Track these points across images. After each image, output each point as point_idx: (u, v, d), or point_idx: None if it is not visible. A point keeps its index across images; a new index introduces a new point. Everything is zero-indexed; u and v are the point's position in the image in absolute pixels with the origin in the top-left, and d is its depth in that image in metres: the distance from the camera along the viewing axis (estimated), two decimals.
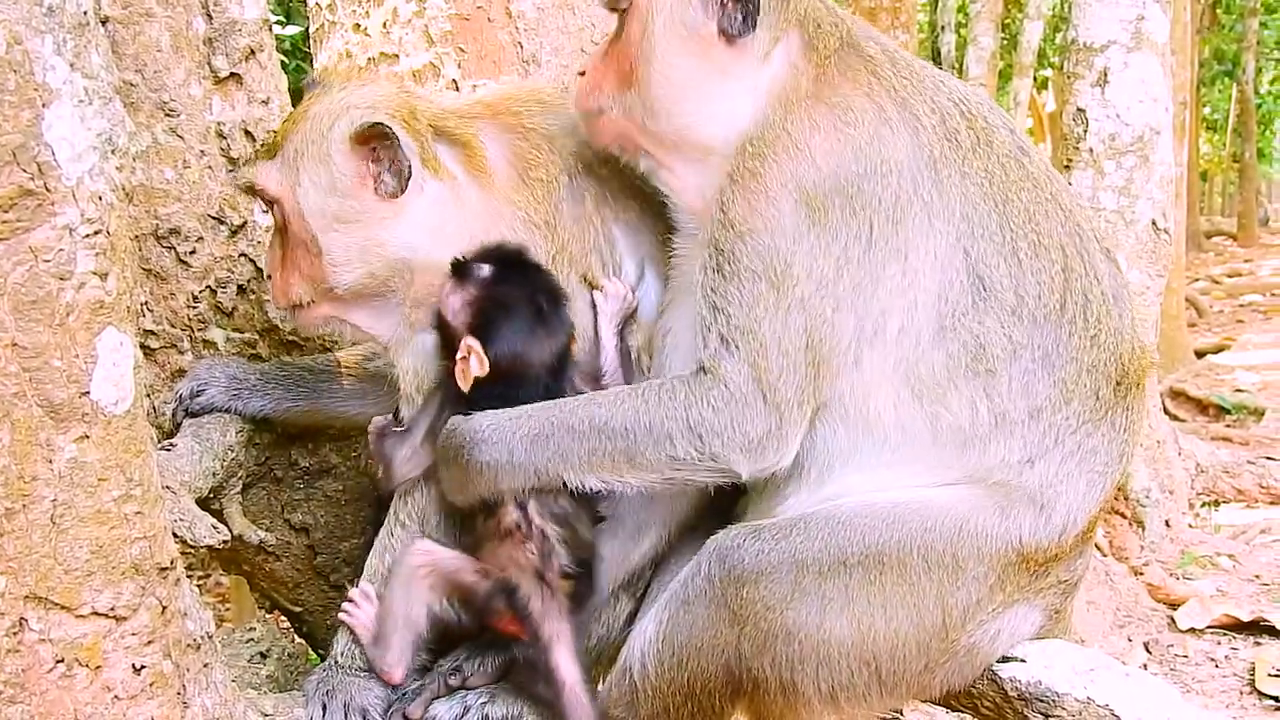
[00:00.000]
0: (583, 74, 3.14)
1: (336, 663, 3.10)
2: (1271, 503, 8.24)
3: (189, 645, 2.49)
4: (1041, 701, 2.89)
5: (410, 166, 3.03)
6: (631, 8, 3.01)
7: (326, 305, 3.19)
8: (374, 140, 3.01)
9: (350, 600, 3.13)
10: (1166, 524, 7.52)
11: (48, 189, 2.06)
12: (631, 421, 2.86)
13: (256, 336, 3.79)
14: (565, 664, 2.92)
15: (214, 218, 3.64)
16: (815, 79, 2.93)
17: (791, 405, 2.83)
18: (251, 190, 3.19)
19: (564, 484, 2.91)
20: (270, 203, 3.17)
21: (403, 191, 3.04)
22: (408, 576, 3.00)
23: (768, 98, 2.93)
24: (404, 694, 3.06)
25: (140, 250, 3.53)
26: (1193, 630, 6.42)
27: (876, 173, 2.83)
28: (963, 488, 2.92)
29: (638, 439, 2.86)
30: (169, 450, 3.20)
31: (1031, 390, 2.88)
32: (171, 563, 2.43)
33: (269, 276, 3.29)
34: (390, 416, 3.30)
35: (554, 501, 2.95)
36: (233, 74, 3.67)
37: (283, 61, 4.32)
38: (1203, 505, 8.28)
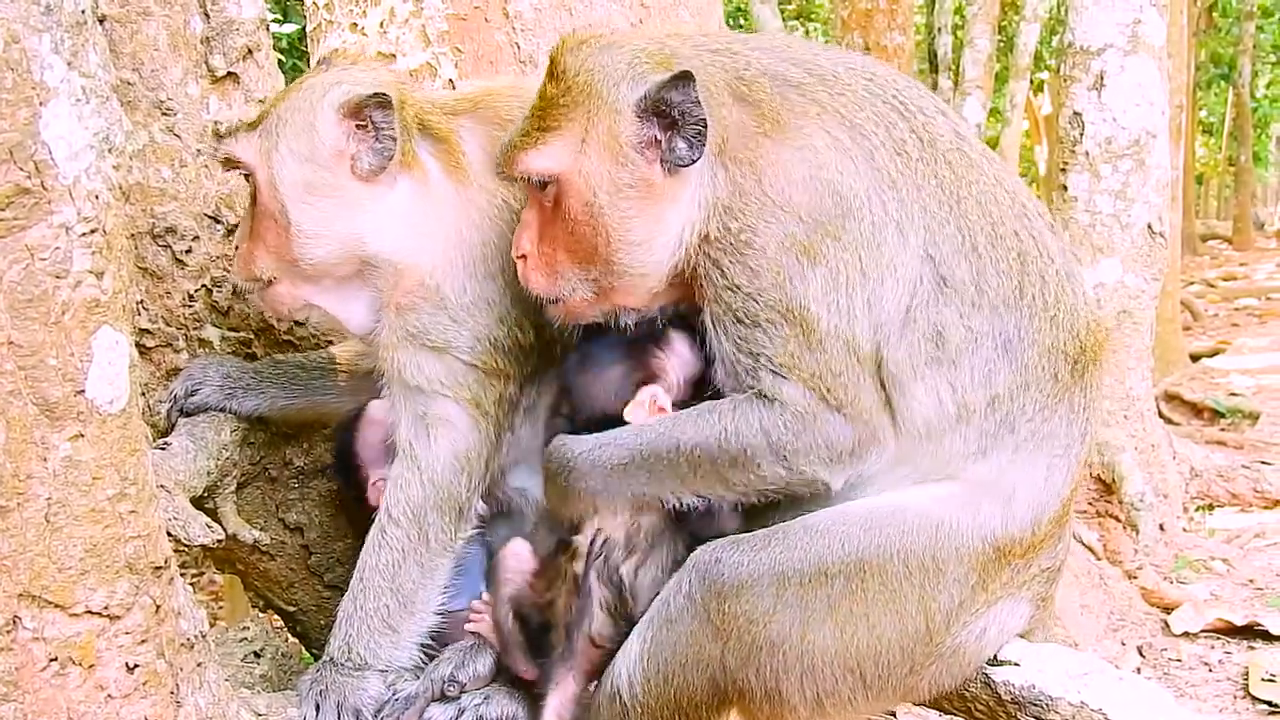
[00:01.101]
0: (523, 258, 3.01)
1: (331, 662, 3.10)
2: (1266, 507, 8.23)
3: (182, 644, 2.49)
4: (1035, 705, 2.89)
5: (391, 150, 3.03)
6: (560, 183, 2.91)
7: (288, 283, 3.17)
8: (361, 115, 3.01)
9: (474, 610, 3.22)
10: (1160, 528, 7.52)
11: (44, 187, 2.06)
12: (716, 447, 2.89)
13: (252, 335, 3.79)
14: (550, 716, 2.99)
15: (210, 217, 3.64)
16: (767, 120, 2.90)
17: (873, 410, 2.87)
18: (228, 160, 3.17)
19: (662, 504, 2.97)
20: (246, 174, 3.15)
21: (379, 174, 3.05)
22: (503, 600, 3.10)
23: (726, 165, 2.90)
24: (396, 696, 3.07)
25: (136, 249, 3.53)
26: (1186, 634, 6.42)
27: (850, 209, 2.84)
28: (930, 486, 2.93)
29: (725, 464, 2.90)
30: (164, 449, 3.20)
31: (992, 379, 2.90)
32: (165, 562, 2.44)
33: (236, 248, 3.27)
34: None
35: (616, 570, 3.00)
36: (230, 73, 3.67)
37: (280, 61, 4.31)
38: (1197, 509, 8.27)
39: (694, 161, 2.86)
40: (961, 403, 2.89)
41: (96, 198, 2.15)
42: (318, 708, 3.02)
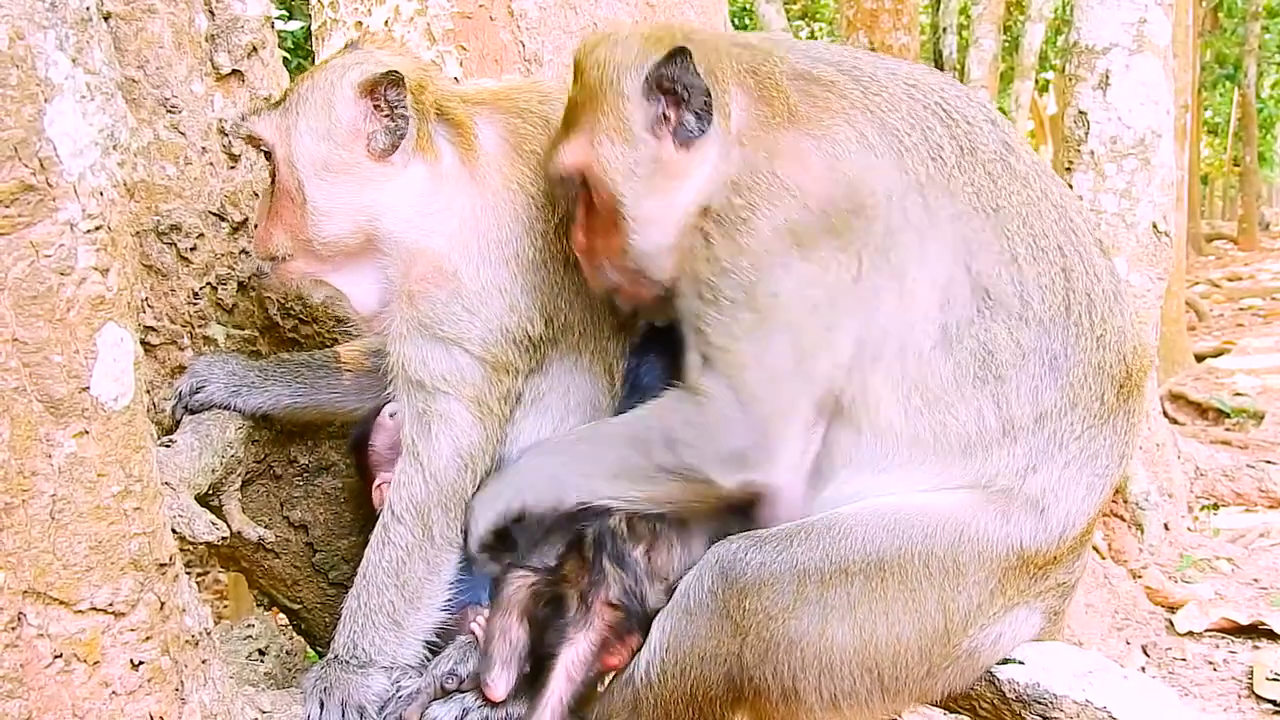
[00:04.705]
0: (581, 251, 3.09)
1: (336, 659, 3.10)
2: (1271, 506, 8.23)
3: (187, 641, 2.49)
4: (1040, 704, 2.89)
5: (403, 129, 3.06)
6: (588, 175, 2.98)
7: (303, 260, 3.20)
8: (378, 93, 3.05)
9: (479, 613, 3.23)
10: (1165, 527, 7.52)
11: (49, 184, 2.06)
12: (625, 432, 3.00)
13: (257, 333, 3.78)
14: (559, 677, 2.97)
15: (215, 214, 3.64)
16: (786, 115, 2.90)
17: (777, 418, 2.87)
18: (251, 139, 3.22)
19: (588, 502, 3.01)
20: (266, 152, 3.19)
21: (393, 152, 3.08)
22: (507, 603, 3.08)
23: (741, 144, 2.91)
24: (400, 693, 3.06)
25: (141, 246, 3.53)
26: (1191, 633, 6.42)
27: (864, 208, 2.82)
28: (964, 492, 2.91)
29: (627, 450, 2.97)
30: (168, 447, 3.20)
31: (1040, 396, 2.87)
32: (170, 559, 2.44)
33: (255, 225, 3.32)
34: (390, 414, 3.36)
35: (628, 553, 3.01)
36: (235, 71, 3.67)
37: (285, 58, 4.31)
38: (1202, 509, 8.28)
39: (703, 132, 2.90)
40: (1008, 419, 2.87)
41: (101, 194, 2.15)
42: (322, 705, 3.02)
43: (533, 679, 3.05)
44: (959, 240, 2.86)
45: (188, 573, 2.58)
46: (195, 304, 3.65)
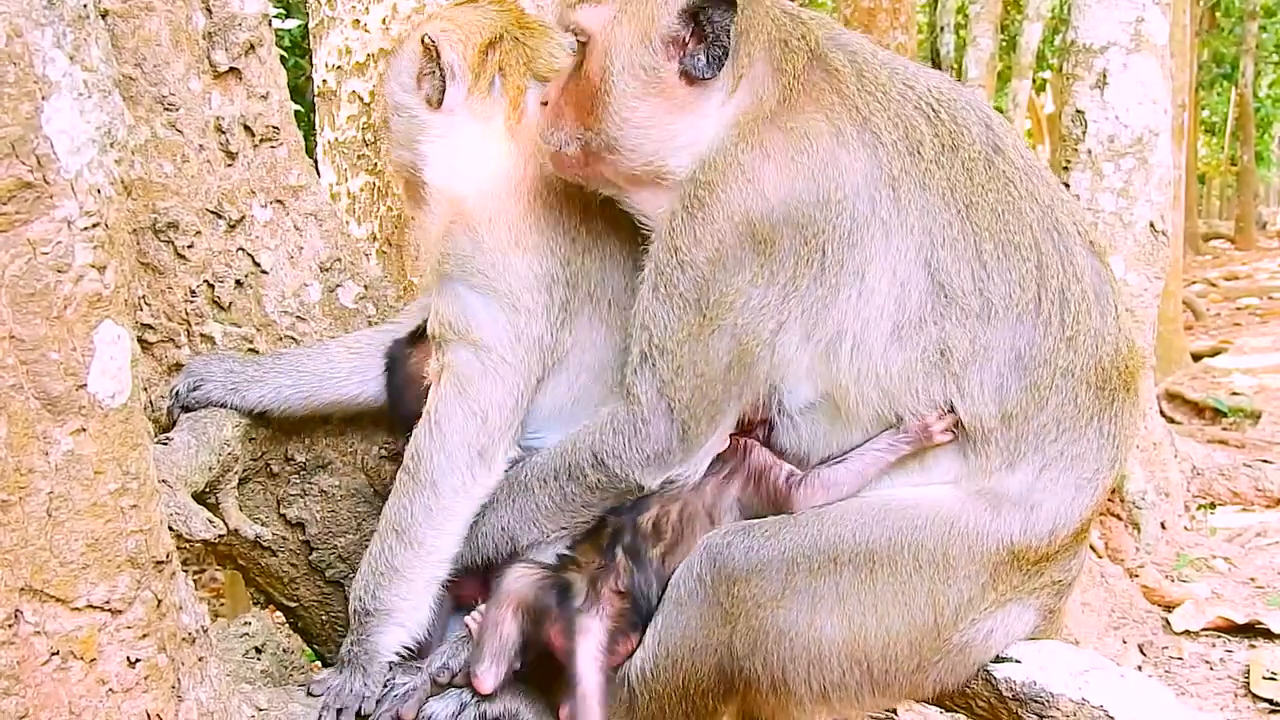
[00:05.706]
0: (545, 104, 3.12)
1: (352, 614, 3.19)
2: (1267, 506, 8.24)
3: (184, 639, 2.49)
4: (1036, 702, 2.89)
5: (443, 86, 3.29)
6: (590, 42, 2.99)
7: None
8: (429, 50, 3.27)
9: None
10: (1162, 526, 7.52)
11: (46, 181, 2.06)
12: (557, 464, 3.07)
13: (254, 331, 3.78)
14: (587, 667, 2.96)
15: (212, 212, 3.63)
16: (779, 101, 2.92)
17: (701, 421, 2.93)
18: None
19: (541, 540, 3.15)
20: None
21: (433, 104, 3.30)
22: (503, 596, 3.10)
23: (726, 128, 2.93)
24: (395, 690, 3.06)
25: (138, 244, 3.52)
26: (1187, 632, 6.42)
27: (830, 200, 2.83)
28: (949, 487, 2.92)
29: (563, 482, 3.07)
30: (165, 444, 3.20)
31: (1003, 393, 2.87)
32: (167, 556, 2.44)
33: None
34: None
35: (645, 550, 3.05)
36: (232, 68, 3.66)
37: (282, 56, 4.30)
38: (1199, 508, 8.27)
39: (704, 79, 2.92)
40: (973, 413, 2.87)
41: (98, 192, 2.15)
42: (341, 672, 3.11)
43: (537, 675, 3.06)
44: (924, 234, 2.86)
45: (184, 570, 2.58)
46: (192, 301, 3.65)
